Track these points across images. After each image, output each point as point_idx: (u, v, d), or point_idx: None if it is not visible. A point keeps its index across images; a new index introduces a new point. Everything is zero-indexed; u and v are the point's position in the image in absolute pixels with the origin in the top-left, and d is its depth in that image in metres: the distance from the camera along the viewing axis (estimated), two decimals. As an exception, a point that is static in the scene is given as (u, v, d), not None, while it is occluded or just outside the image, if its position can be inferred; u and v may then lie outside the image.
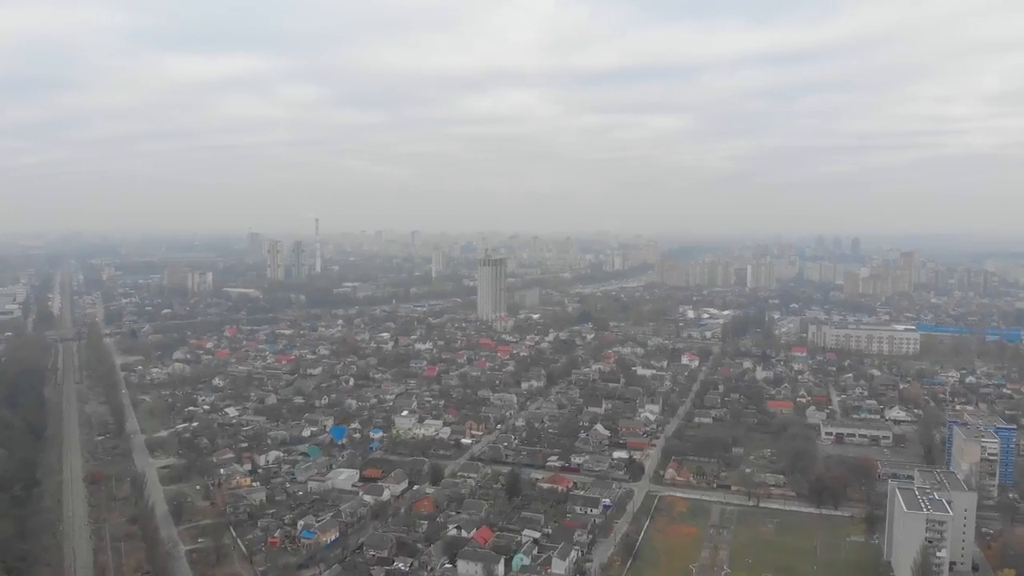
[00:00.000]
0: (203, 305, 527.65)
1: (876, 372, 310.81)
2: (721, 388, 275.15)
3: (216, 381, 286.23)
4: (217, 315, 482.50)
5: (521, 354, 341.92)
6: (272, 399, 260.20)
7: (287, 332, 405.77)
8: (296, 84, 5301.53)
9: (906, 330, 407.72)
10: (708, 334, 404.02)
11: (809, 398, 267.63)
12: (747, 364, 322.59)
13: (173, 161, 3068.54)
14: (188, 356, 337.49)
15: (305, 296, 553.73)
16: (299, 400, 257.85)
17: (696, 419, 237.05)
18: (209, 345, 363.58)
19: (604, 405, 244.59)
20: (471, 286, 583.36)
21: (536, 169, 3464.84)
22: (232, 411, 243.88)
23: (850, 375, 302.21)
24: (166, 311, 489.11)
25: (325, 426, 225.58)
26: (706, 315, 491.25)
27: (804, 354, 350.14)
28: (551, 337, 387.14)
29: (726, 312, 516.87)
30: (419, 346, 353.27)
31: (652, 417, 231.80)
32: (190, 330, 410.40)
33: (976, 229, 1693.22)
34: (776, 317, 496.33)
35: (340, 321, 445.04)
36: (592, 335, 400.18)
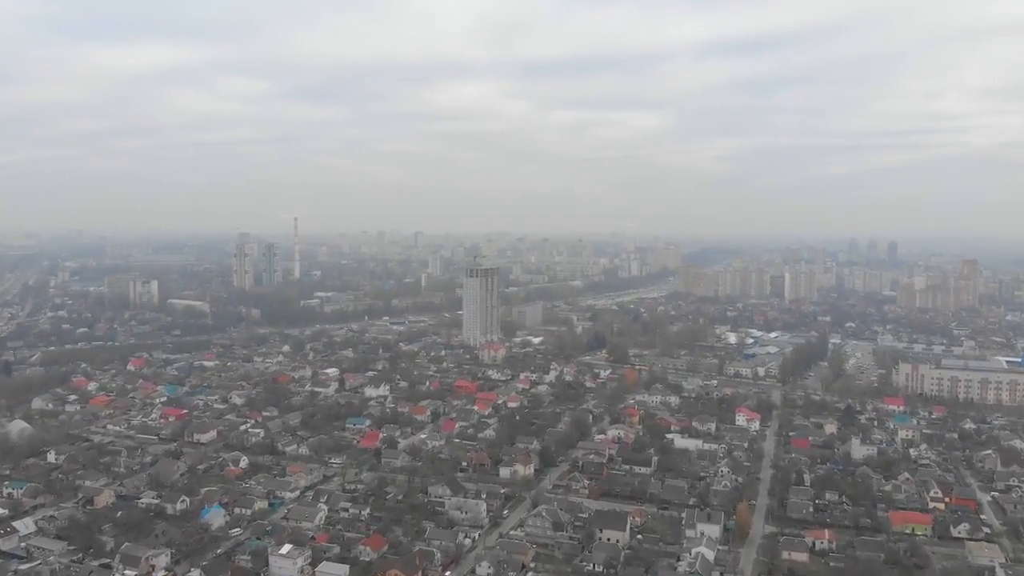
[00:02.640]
0: (136, 321, 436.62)
1: (1021, 444, 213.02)
2: (808, 480, 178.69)
3: (52, 455, 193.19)
4: (144, 335, 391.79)
5: (509, 404, 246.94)
6: (108, 497, 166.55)
7: (210, 364, 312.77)
8: (232, 77, 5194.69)
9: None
10: (760, 371, 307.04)
11: (947, 500, 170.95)
12: (829, 427, 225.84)
13: (156, 159, 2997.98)
14: (49, 405, 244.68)
15: (261, 310, 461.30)
16: (145, 501, 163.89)
17: (784, 553, 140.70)
18: (91, 387, 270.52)
19: (628, 524, 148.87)
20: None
21: (529, 169, 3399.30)
22: (25, 525, 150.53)
23: (989, 451, 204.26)
24: (82, 330, 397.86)
25: (151, 568, 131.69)
26: (750, 339, 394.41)
27: (901, 407, 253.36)
28: (552, 376, 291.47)
29: (773, 335, 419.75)
30: (371, 391, 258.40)
31: (710, 555, 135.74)
32: (89, 359, 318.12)
33: (1001, 232, 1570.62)
34: (836, 342, 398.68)
35: (287, 347, 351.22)
36: (607, 370, 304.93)
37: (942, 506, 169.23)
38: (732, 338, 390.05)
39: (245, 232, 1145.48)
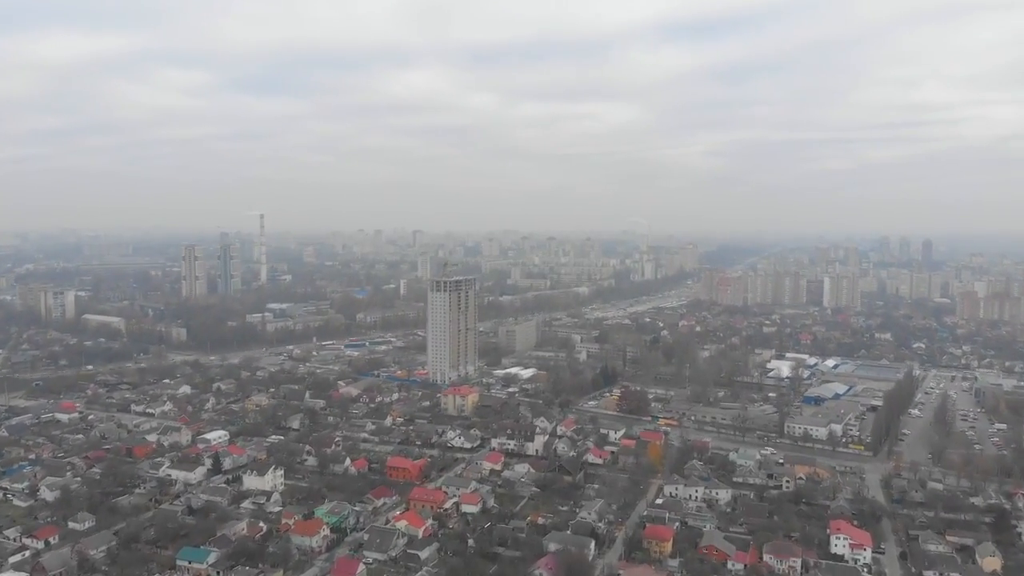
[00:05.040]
0: (28, 344, 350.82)
1: None
2: None
3: None
4: (24, 366, 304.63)
5: (463, 508, 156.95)
6: None
7: (65, 418, 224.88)
8: (163, 68, 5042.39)
9: None
10: (837, 428, 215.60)
11: None
12: (989, 560, 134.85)
13: (137, 157, 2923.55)
14: None
15: (190, 328, 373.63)
16: None
17: None
18: None
19: None
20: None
21: (520, 166, 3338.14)
22: None
23: None
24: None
25: None
26: (806, 371, 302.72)
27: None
28: (539, 442, 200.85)
29: (831, 363, 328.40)
30: (251, 481, 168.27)
31: None
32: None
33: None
34: (917, 375, 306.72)
35: (187, 387, 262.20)
36: (620, 430, 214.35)
37: None
38: (784, 369, 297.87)
39: (226, 231, 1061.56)
